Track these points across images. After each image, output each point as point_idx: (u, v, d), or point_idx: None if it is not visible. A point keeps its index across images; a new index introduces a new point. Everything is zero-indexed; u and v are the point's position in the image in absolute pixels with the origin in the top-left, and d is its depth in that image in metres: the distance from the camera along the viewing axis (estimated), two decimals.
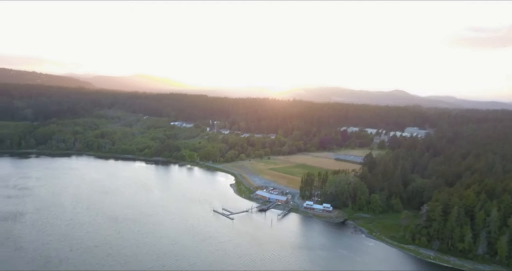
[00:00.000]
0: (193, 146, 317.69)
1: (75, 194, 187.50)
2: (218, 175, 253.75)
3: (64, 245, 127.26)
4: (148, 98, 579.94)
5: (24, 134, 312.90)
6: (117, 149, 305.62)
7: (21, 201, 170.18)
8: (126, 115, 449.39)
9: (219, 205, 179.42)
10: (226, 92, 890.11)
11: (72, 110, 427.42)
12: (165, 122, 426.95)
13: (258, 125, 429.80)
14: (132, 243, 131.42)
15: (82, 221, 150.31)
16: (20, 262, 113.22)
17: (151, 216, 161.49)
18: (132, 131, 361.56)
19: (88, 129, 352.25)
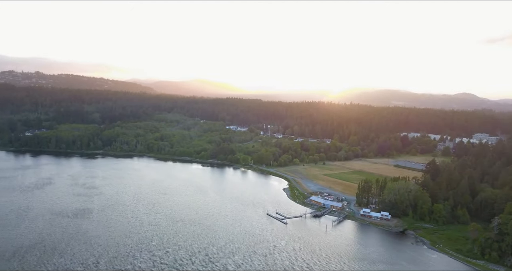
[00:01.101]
0: (247, 150, 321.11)
1: (136, 193, 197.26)
2: (271, 179, 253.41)
3: (126, 241, 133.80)
4: (205, 103, 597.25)
5: (92, 137, 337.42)
6: (175, 151, 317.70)
7: (89, 199, 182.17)
8: (184, 119, 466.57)
9: (273, 209, 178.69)
10: (281, 96, 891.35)
11: (134, 114, 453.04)
12: (221, 126, 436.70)
13: (313, 130, 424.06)
14: (188, 243, 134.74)
15: (142, 219, 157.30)
16: (87, 255, 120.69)
17: (207, 217, 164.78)
18: (190, 135, 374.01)
19: (149, 132, 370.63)
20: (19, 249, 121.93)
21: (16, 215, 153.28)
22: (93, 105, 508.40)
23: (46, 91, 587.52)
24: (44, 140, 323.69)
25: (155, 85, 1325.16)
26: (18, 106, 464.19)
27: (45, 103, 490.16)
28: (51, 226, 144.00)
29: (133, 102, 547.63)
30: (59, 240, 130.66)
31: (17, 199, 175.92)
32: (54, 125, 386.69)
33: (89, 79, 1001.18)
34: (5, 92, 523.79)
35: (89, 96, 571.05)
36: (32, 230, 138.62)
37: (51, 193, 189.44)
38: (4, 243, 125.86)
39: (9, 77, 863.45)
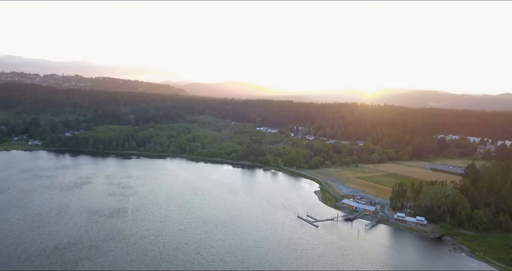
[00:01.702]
0: (277, 151, 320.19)
1: (169, 193, 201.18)
2: (302, 181, 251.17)
3: (159, 240, 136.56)
4: (236, 104, 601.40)
5: (127, 137, 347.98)
6: (206, 152, 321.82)
7: (124, 198, 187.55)
8: (216, 121, 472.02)
9: (304, 212, 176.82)
10: (312, 97, 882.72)
11: (167, 116, 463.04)
12: (251, 128, 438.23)
13: (345, 132, 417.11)
14: (219, 244, 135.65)
15: (174, 219, 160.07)
16: (121, 253, 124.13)
17: (237, 218, 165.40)
18: (221, 136, 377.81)
19: (181, 134, 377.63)
20: (59, 245, 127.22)
21: (56, 212, 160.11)
22: (128, 107, 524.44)
23: (84, 94, 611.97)
24: (82, 140, 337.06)
25: (188, 87, 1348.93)
26: (59, 108, 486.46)
27: (83, 105, 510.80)
28: (88, 223, 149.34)
29: (167, 104, 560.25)
30: (96, 238, 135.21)
31: (57, 197, 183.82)
32: (92, 126, 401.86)
33: (124, 81, 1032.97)
34: (48, 95, 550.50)
35: (125, 98, 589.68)
36: (70, 227, 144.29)
37: (88, 191, 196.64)
38: (45, 239, 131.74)
39: (51, 80, 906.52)
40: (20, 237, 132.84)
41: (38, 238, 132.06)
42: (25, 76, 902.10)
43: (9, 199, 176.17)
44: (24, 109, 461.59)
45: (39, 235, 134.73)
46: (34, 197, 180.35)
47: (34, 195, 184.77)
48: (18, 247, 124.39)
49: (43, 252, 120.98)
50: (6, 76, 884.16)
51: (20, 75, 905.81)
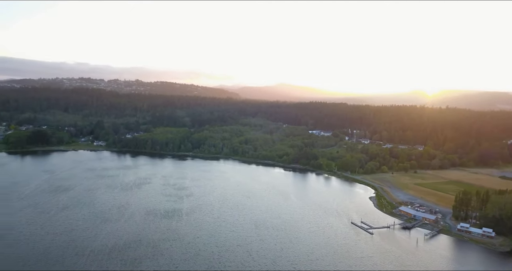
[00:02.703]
0: (330, 155, 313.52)
1: (222, 195, 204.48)
2: (356, 187, 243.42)
3: (211, 240, 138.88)
4: (288, 107, 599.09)
5: (183, 139, 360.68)
6: (258, 155, 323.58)
7: (179, 199, 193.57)
8: (268, 123, 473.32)
9: (358, 218, 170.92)
10: (368, 99, 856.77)
11: (221, 119, 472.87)
12: (303, 131, 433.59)
13: (403, 136, 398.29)
14: (271, 247, 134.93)
15: (227, 220, 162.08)
16: (176, 252, 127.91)
17: (289, 222, 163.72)
18: (273, 139, 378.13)
19: (234, 136, 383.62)
20: (119, 241, 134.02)
21: (117, 211, 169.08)
22: (184, 110, 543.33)
23: (144, 98, 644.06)
24: (141, 142, 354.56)
25: (241, 90, 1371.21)
26: (121, 111, 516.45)
27: (143, 109, 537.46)
28: (146, 222, 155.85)
29: (220, 107, 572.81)
30: (152, 236, 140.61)
31: (118, 195, 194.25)
32: (150, 128, 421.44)
33: (181, 86, 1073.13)
34: (111, 98, 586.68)
35: (181, 101, 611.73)
36: (129, 225, 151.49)
37: (146, 191, 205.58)
38: (107, 235, 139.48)
39: (114, 85, 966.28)
40: (85, 231, 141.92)
41: (101, 234, 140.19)
42: (91, 82, 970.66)
43: (76, 196, 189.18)
44: (90, 112, 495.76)
45: (101, 231, 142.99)
46: (98, 195, 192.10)
47: (98, 193, 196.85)
48: (83, 241, 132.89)
49: (105, 247, 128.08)
50: (76, 81, 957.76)
51: (88, 81, 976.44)
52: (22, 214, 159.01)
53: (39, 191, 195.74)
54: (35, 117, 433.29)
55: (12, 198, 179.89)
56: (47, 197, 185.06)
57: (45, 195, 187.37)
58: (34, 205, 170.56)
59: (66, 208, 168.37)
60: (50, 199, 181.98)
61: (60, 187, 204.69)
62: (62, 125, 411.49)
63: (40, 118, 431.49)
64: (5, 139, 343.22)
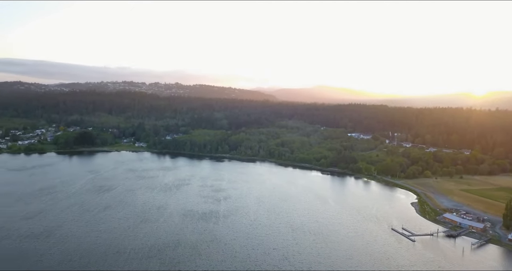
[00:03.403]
0: (370, 159, 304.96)
1: (258, 197, 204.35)
2: (397, 192, 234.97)
3: (248, 243, 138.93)
4: (326, 109, 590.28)
5: (220, 141, 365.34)
6: (295, 157, 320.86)
7: (216, 200, 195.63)
8: (305, 126, 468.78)
9: (398, 224, 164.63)
10: (410, 101, 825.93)
11: (258, 121, 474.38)
12: (342, 133, 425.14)
13: (448, 139, 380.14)
14: (307, 251, 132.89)
15: (263, 223, 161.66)
16: (213, 253, 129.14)
17: (326, 227, 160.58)
18: (310, 141, 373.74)
19: (270, 138, 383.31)
20: (158, 240, 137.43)
21: (156, 211, 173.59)
22: (222, 112, 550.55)
23: (183, 100, 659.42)
24: (180, 143, 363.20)
25: (277, 93, 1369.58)
26: (161, 113, 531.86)
27: (182, 111, 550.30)
28: (183, 222, 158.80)
29: (257, 110, 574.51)
30: (190, 236, 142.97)
31: (158, 196, 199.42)
32: (189, 130, 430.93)
33: (219, 88, 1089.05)
34: (152, 101, 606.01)
35: (219, 104, 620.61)
36: (168, 225, 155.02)
37: (185, 192, 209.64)
38: (146, 234, 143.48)
39: (155, 88, 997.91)
40: (126, 230, 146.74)
41: (140, 233, 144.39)
42: (134, 85, 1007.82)
43: (117, 196, 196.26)
44: (132, 114, 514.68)
45: (141, 230, 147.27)
46: (138, 195, 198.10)
47: (138, 193, 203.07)
48: (124, 239, 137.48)
49: (145, 246, 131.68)
50: (119, 85, 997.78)
51: (130, 84, 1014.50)
52: (69, 211, 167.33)
53: (84, 190, 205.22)
54: (82, 119, 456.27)
55: (60, 197, 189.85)
56: (91, 196, 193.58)
57: (89, 194, 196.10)
58: (80, 204, 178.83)
59: (108, 207, 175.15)
60: (94, 198, 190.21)
61: (103, 186, 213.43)
62: (106, 127, 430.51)
63: (86, 120, 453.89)
64: (55, 140, 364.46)
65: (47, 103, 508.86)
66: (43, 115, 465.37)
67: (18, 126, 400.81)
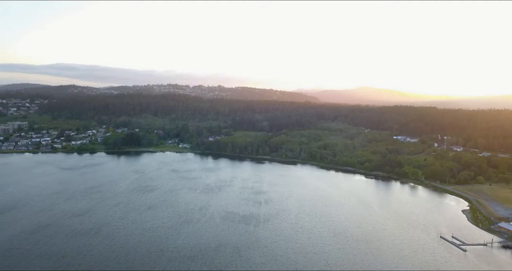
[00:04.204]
0: (417, 163, 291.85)
1: (299, 200, 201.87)
2: (446, 198, 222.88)
3: (289, 246, 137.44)
4: (370, 111, 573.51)
5: (261, 143, 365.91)
6: (337, 161, 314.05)
7: (256, 202, 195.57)
8: (348, 128, 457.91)
9: (448, 232, 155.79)
10: (461, 103, 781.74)
11: (299, 123, 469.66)
12: (387, 136, 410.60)
13: (504, 143, 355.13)
14: (350, 258, 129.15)
15: (304, 227, 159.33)
16: (253, 254, 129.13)
17: (370, 233, 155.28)
18: (353, 144, 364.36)
19: (312, 141, 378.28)
20: (199, 240, 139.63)
21: (198, 212, 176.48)
22: (263, 114, 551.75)
23: (225, 102, 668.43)
24: (222, 145, 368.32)
25: (320, 94, 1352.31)
26: (204, 115, 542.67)
27: (224, 113, 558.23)
28: (224, 224, 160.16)
29: (298, 112, 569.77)
30: (231, 238, 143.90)
31: (200, 197, 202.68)
32: (231, 132, 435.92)
33: (260, 90, 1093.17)
34: (195, 103, 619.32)
35: (260, 106, 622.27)
36: (209, 226, 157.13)
37: (226, 193, 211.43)
38: (189, 234, 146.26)
39: (198, 91, 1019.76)
40: (169, 229, 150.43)
41: (183, 232, 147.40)
42: (178, 88, 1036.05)
43: (161, 195, 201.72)
44: (176, 116, 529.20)
45: (184, 230, 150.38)
46: (181, 196, 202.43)
47: (181, 193, 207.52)
48: (168, 238, 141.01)
49: (187, 245, 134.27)
50: (164, 87, 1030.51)
51: (175, 87, 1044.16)
52: (116, 209, 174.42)
53: (130, 189, 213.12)
54: (129, 120, 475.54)
55: (108, 195, 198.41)
56: (136, 195, 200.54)
57: (134, 194, 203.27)
58: (125, 202, 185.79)
59: (152, 207, 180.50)
60: (139, 197, 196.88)
61: (147, 186, 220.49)
62: (152, 128, 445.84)
63: (134, 122, 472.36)
64: (104, 140, 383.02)
65: (98, 105, 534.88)
66: (94, 117, 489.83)
67: (72, 127, 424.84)
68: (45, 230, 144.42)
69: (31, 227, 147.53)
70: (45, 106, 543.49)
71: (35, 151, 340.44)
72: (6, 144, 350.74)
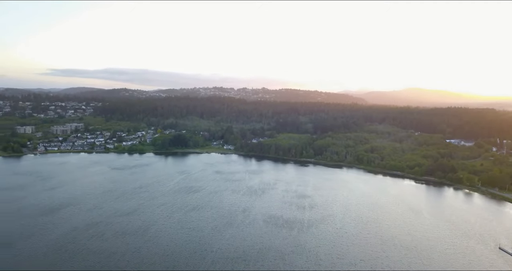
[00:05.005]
0: (472, 168, 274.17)
1: (344, 205, 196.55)
2: (506, 206, 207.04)
3: (333, 251, 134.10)
4: (421, 113, 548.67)
5: (305, 146, 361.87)
6: (385, 164, 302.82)
7: (300, 206, 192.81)
8: (396, 131, 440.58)
9: (508, 243, 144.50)
10: None
11: (345, 125, 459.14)
12: (439, 140, 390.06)
13: None
14: (398, 266, 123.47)
15: (349, 232, 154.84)
16: (296, 258, 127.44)
17: (420, 241, 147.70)
18: (402, 148, 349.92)
19: (358, 144, 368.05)
20: (243, 242, 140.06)
21: (241, 214, 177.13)
22: (307, 116, 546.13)
23: (268, 104, 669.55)
24: (266, 147, 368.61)
25: (367, 96, 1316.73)
26: (248, 118, 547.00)
27: (267, 115, 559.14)
28: (267, 226, 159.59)
29: (344, 114, 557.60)
30: (274, 240, 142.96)
31: (243, 199, 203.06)
32: (274, 134, 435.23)
33: (304, 92, 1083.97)
34: (239, 105, 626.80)
35: (304, 108, 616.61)
36: (253, 228, 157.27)
37: (269, 196, 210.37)
38: (232, 235, 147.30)
39: (242, 93, 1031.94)
40: (214, 230, 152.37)
41: (227, 233, 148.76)
42: (223, 90, 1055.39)
43: (205, 196, 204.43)
44: (221, 118, 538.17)
45: (227, 231, 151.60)
46: (225, 197, 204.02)
47: (224, 195, 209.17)
48: (212, 238, 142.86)
49: (230, 246, 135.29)
50: (210, 90, 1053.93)
51: (220, 90, 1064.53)
52: (163, 208, 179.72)
53: (176, 189, 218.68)
54: (176, 122, 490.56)
55: (155, 195, 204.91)
56: (182, 195, 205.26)
57: (180, 194, 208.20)
58: (172, 202, 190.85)
59: (197, 207, 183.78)
60: (184, 197, 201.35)
61: (192, 187, 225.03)
62: (198, 130, 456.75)
63: (181, 124, 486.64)
64: (153, 141, 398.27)
65: (147, 108, 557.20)
66: (143, 119, 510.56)
67: (123, 129, 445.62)
68: (97, 227, 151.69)
69: (85, 223, 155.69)
70: (99, 109, 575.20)
71: (89, 151, 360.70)
72: (64, 144, 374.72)
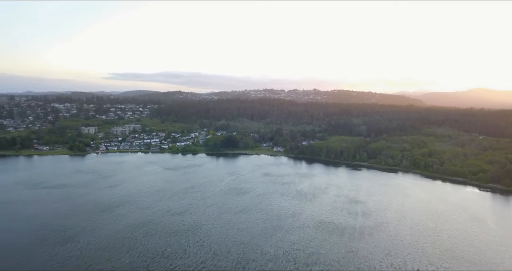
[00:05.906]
0: None
1: (399, 212, 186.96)
2: None
3: (387, 259, 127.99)
4: (486, 116, 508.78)
5: (358, 148, 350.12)
6: (445, 170, 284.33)
7: (352, 211, 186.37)
8: (458, 134, 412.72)
9: None
10: None
11: (401, 128, 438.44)
12: (508, 144, 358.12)
13: None
14: None
15: (405, 240, 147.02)
16: (347, 263, 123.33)
17: (485, 253, 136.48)
18: (464, 152, 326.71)
19: (415, 147, 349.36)
20: (292, 246, 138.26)
21: (290, 218, 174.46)
22: (360, 118, 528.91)
23: (320, 106, 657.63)
24: (316, 149, 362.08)
25: (425, 97, 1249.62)
26: (298, 119, 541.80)
27: (319, 117, 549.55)
28: (317, 231, 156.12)
29: (400, 116, 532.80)
30: (324, 245, 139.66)
31: (293, 202, 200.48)
32: (326, 136, 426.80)
33: (357, 93, 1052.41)
34: (290, 107, 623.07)
35: (357, 109, 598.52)
36: (303, 232, 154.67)
37: (320, 201, 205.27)
38: (280, 238, 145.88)
39: (293, 95, 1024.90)
40: (263, 232, 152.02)
41: (276, 236, 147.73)
42: (273, 92, 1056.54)
43: (254, 198, 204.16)
44: (271, 120, 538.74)
45: (276, 233, 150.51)
46: (274, 200, 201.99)
47: (273, 198, 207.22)
48: (261, 240, 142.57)
49: (280, 249, 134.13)
50: (260, 92, 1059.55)
51: (270, 92, 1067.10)
52: (214, 208, 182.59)
53: (226, 190, 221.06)
54: (227, 124, 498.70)
55: (206, 195, 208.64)
56: (231, 196, 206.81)
57: (229, 195, 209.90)
58: (221, 203, 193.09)
59: (246, 208, 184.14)
60: (234, 198, 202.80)
61: (242, 188, 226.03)
62: (248, 132, 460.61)
63: (231, 125, 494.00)
64: (205, 142, 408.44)
65: (200, 110, 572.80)
66: (196, 120, 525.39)
67: (177, 130, 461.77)
68: (151, 225, 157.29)
69: (140, 220, 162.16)
70: (155, 111, 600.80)
71: (146, 151, 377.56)
72: (123, 144, 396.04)
